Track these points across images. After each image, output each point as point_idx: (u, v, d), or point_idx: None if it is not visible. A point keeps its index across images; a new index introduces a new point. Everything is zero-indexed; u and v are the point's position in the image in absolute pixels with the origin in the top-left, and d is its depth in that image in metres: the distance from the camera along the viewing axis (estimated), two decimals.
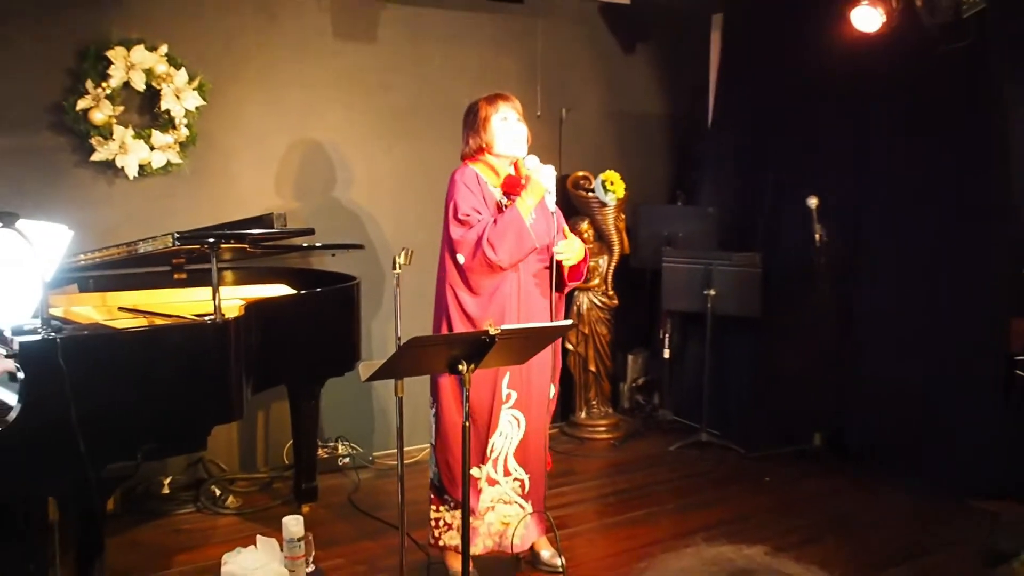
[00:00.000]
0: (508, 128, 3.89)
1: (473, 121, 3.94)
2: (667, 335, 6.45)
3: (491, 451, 3.95)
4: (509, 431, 3.97)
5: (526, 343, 3.26)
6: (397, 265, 3.67)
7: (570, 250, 3.91)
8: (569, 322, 3.75)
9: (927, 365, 5.42)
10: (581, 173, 6.25)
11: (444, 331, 3.86)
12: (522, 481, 4.03)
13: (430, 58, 5.87)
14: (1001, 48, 4.99)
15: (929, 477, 5.26)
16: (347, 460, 5.58)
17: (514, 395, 3.95)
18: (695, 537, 4.51)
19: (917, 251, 5.48)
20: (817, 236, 5.61)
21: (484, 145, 3.90)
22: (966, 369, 5.26)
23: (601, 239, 6.29)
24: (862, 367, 5.75)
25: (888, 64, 5.49)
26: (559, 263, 3.90)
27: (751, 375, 6.23)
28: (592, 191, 6.08)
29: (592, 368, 6.34)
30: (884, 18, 5.24)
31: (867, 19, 5.26)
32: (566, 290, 4.12)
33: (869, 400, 5.69)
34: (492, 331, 2.95)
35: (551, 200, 3.89)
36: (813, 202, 5.59)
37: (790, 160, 6.11)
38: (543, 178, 3.78)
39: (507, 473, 4.00)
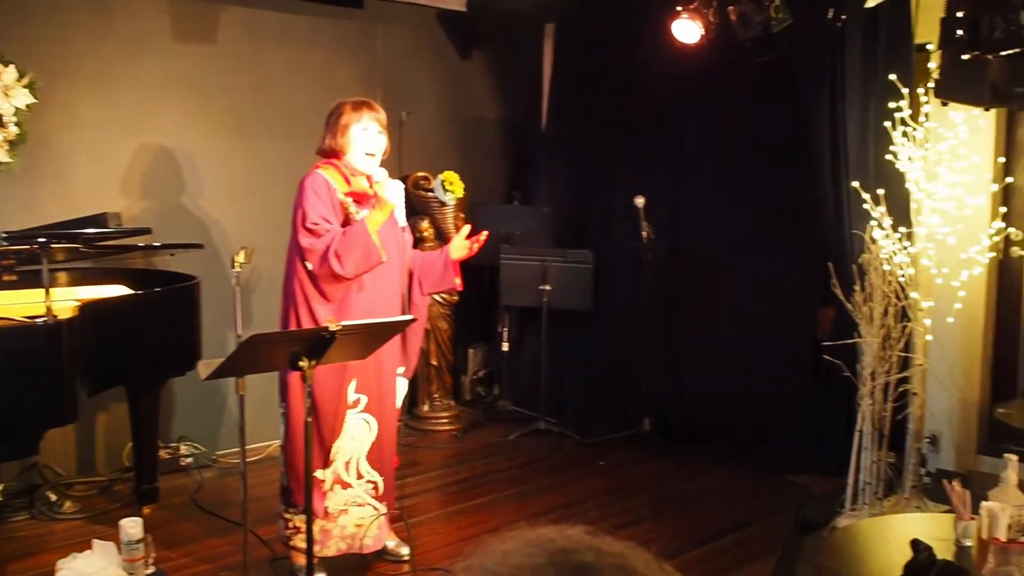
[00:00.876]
0: (366, 140, 3.87)
1: (334, 124, 3.91)
2: (506, 329, 6.68)
3: (338, 455, 3.97)
4: (361, 435, 4.01)
5: (366, 339, 3.38)
6: (236, 263, 3.70)
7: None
8: (410, 317, 3.86)
9: (745, 352, 5.83)
10: (421, 173, 6.40)
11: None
12: (375, 483, 4.07)
13: (270, 60, 5.90)
14: (805, 62, 5.40)
15: (749, 456, 5.67)
16: (190, 460, 5.55)
17: (364, 399, 3.98)
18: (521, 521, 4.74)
19: (735, 247, 5.88)
20: (644, 233, 5.91)
21: (339, 150, 3.90)
22: (780, 355, 5.68)
23: (441, 238, 6.44)
24: (687, 355, 6.12)
25: (708, 74, 5.85)
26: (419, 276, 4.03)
27: (585, 366, 6.53)
28: (432, 191, 6.24)
29: (434, 362, 6.51)
30: (703, 31, 5.57)
31: (687, 31, 5.57)
32: (426, 299, 4.24)
33: (694, 386, 6.07)
34: (332, 327, 3.05)
35: (400, 215, 3.92)
36: (640, 201, 5.89)
37: (619, 162, 6.44)
38: (390, 194, 3.79)
39: (360, 476, 4.03)
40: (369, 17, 6.33)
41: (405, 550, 4.28)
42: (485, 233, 4.11)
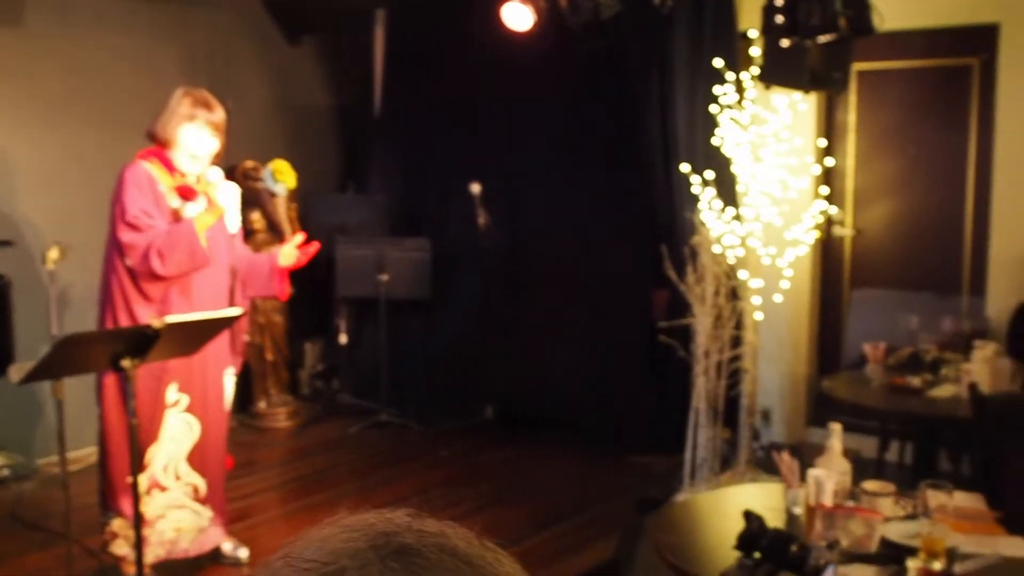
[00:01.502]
0: (194, 142, 3.71)
1: (169, 113, 3.73)
2: (343, 321, 6.55)
3: (155, 458, 3.81)
4: (180, 436, 3.86)
5: (193, 335, 3.25)
6: (49, 261, 3.51)
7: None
8: (237, 311, 3.73)
9: (584, 337, 5.90)
10: (250, 163, 6.20)
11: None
12: (195, 486, 3.93)
13: (83, 46, 5.59)
14: (635, 48, 5.48)
15: (589, 440, 5.73)
16: (6, 471, 5.24)
17: (185, 399, 3.84)
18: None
19: (572, 233, 5.93)
20: (481, 220, 5.90)
21: (167, 141, 3.72)
22: (618, 338, 5.77)
23: (272, 229, 6.26)
24: (528, 342, 6.14)
25: (541, 60, 5.86)
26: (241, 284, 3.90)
27: (426, 356, 6.47)
28: (262, 181, 6.05)
29: (269, 357, 6.33)
30: (535, 16, 5.58)
31: (518, 17, 5.57)
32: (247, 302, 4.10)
33: (535, 373, 6.09)
34: (156, 324, 2.92)
35: (233, 220, 3.80)
36: (476, 188, 5.87)
37: (455, 149, 6.39)
38: (223, 197, 3.68)
39: (178, 478, 3.90)
40: (191, 1, 6.09)
41: (244, 552, 4.15)
42: (316, 245, 3.99)
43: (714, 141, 5.09)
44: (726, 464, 5.36)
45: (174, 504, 3.91)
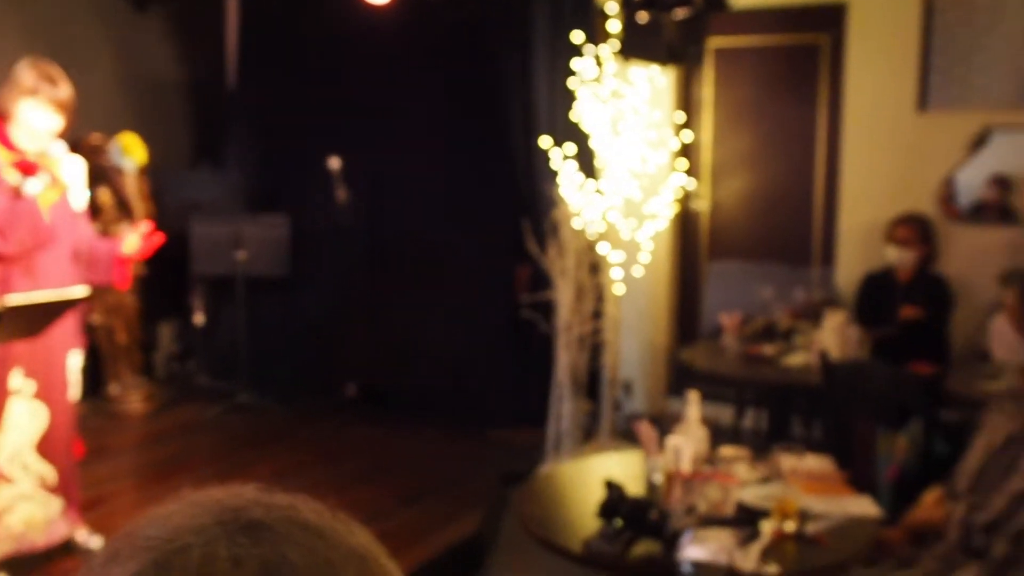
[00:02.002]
0: (35, 118, 3.49)
1: (10, 84, 3.50)
2: (199, 300, 6.36)
3: (0, 449, 3.62)
4: (26, 424, 3.67)
5: (36, 316, 3.10)
6: None
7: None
8: (81, 290, 3.56)
9: (448, 313, 5.87)
10: (96, 138, 5.93)
11: None
12: (44, 475, 3.75)
13: None
14: (496, 20, 5.45)
15: (454, 416, 5.71)
16: None
17: (31, 385, 3.65)
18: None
19: (434, 208, 5.87)
20: (341, 195, 5.79)
21: (5, 114, 3.51)
22: (481, 314, 5.76)
23: (122, 207, 6.02)
24: (391, 319, 6.07)
25: (402, 32, 5.77)
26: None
27: (286, 334, 6.34)
28: (109, 156, 5.80)
29: (121, 339, 6.08)
30: None
31: None
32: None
33: (398, 349, 6.03)
34: None
35: (77, 196, 3.62)
36: (335, 163, 5.76)
37: (312, 123, 6.24)
38: (67, 173, 3.52)
39: (25, 468, 3.71)
40: None
41: (96, 541, 3.99)
42: (162, 236, 3.83)
43: (574, 115, 5.12)
44: (589, 436, 5.42)
45: (22, 496, 3.73)
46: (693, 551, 2.34)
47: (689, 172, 5.65)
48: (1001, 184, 5.42)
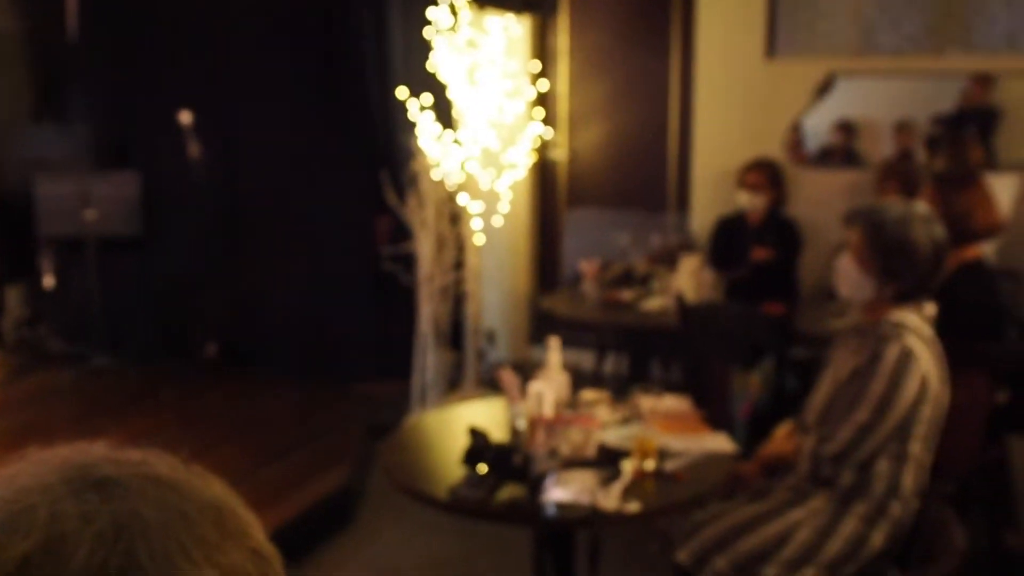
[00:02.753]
0: None
1: None
2: (48, 262, 6.10)
3: None
4: None
5: None
6: None
7: None
8: None
9: (308, 267, 5.78)
10: None
11: None
12: None
13: None
14: None
15: (317, 371, 5.65)
16: None
17: None
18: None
19: (291, 161, 5.75)
20: (193, 151, 5.61)
21: None
22: (342, 267, 5.70)
23: None
24: (251, 276, 5.94)
25: None
26: None
27: (141, 294, 6.14)
28: None
29: None
30: None
31: None
32: None
33: (258, 306, 5.92)
34: None
35: None
36: (186, 117, 5.57)
37: (161, 75, 6.01)
38: None
39: None
40: None
41: None
42: None
43: (430, 66, 5.08)
44: (454, 386, 5.46)
45: None
46: (556, 493, 2.38)
47: (546, 121, 5.69)
48: (846, 129, 5.64)
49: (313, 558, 3.94)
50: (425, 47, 5.02)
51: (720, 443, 2.84)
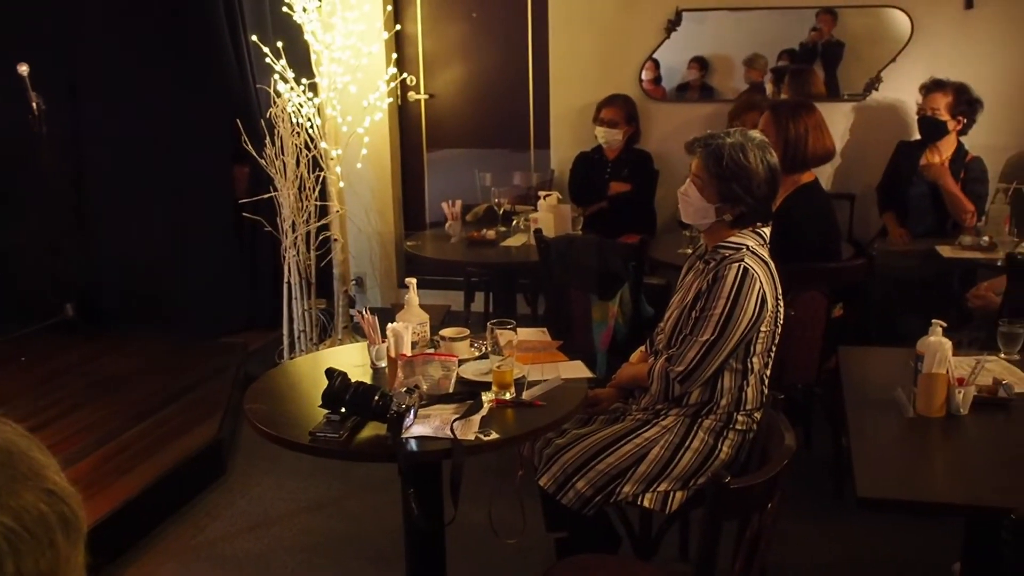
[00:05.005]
0: None
1: None
2: None
3: None
4: None
5: None
6: None
7: None
8: None
9: (165, 221, 5.65)
10: None
11: None
12: None
13: None
14: None
15: (182, 325, 5.55)
16: None
17: None
18: None
19: (143, 114, 5.57)
20: (34, 105, 5.39)
21: None
22: (200, 219, 5.60)
23: None
24: (105, 232, 5.77)
25: None
26: None
27: None
28: None
29: None
30: None
31: None
32: None
33: (117, 262, 5.75)
34: None
35: None
36: (24, 69, 5.33)
37: (1, 27, 5.75)
38: None
39: None
40: None
41: None
42: None
43: (283, 9, 5.00)
44: (325, 334, 5.46)
45: None
46: (417, 428, 2.43)
47: (402, 64, 5.67)
48: (700, 65, 5.79)
49: (188, 510, 3.93)
50: None
51: (576, 370, 2.93)
